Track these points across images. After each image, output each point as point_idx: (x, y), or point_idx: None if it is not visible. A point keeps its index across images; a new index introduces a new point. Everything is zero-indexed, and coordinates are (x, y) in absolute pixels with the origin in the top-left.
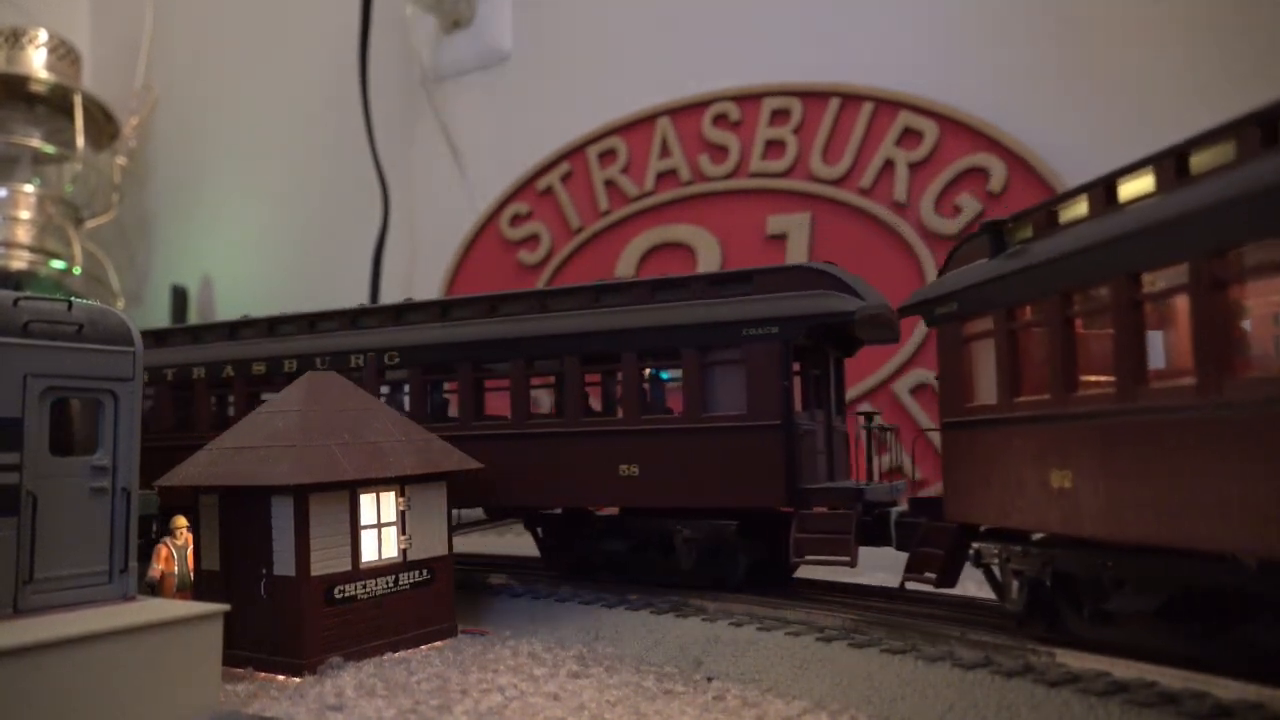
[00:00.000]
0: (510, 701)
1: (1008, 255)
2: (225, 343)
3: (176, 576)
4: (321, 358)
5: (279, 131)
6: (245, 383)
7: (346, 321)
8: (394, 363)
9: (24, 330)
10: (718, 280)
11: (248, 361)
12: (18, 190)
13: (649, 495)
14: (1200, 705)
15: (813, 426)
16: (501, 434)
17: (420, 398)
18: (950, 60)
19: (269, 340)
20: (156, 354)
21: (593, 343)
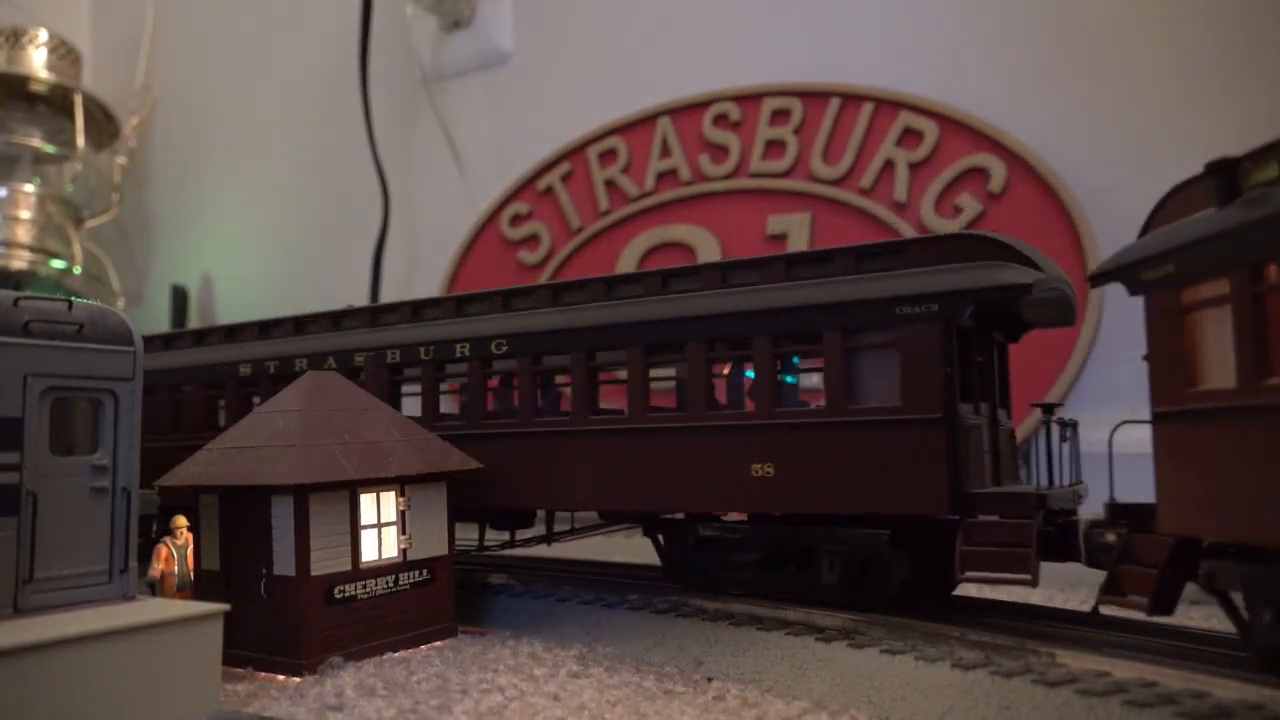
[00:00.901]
0: (510, 701)
1: (1245, 202)
2: (329, 334)
3: (176, 576)
4: (425, 347)
5: (279, 131)
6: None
7: (451, 309)
8: (502, 351)
9: (24, 330)
10: (866, 253)
11: (349, 352)
12: (18, 190)
13: (786, 499)
14: (1200, 705)
15: (978, 421)
16: (618, 429)
17: (530, 390)
18: (951, 61)
19: (371, 331)
20: (259, 346)
21: (720, 326)
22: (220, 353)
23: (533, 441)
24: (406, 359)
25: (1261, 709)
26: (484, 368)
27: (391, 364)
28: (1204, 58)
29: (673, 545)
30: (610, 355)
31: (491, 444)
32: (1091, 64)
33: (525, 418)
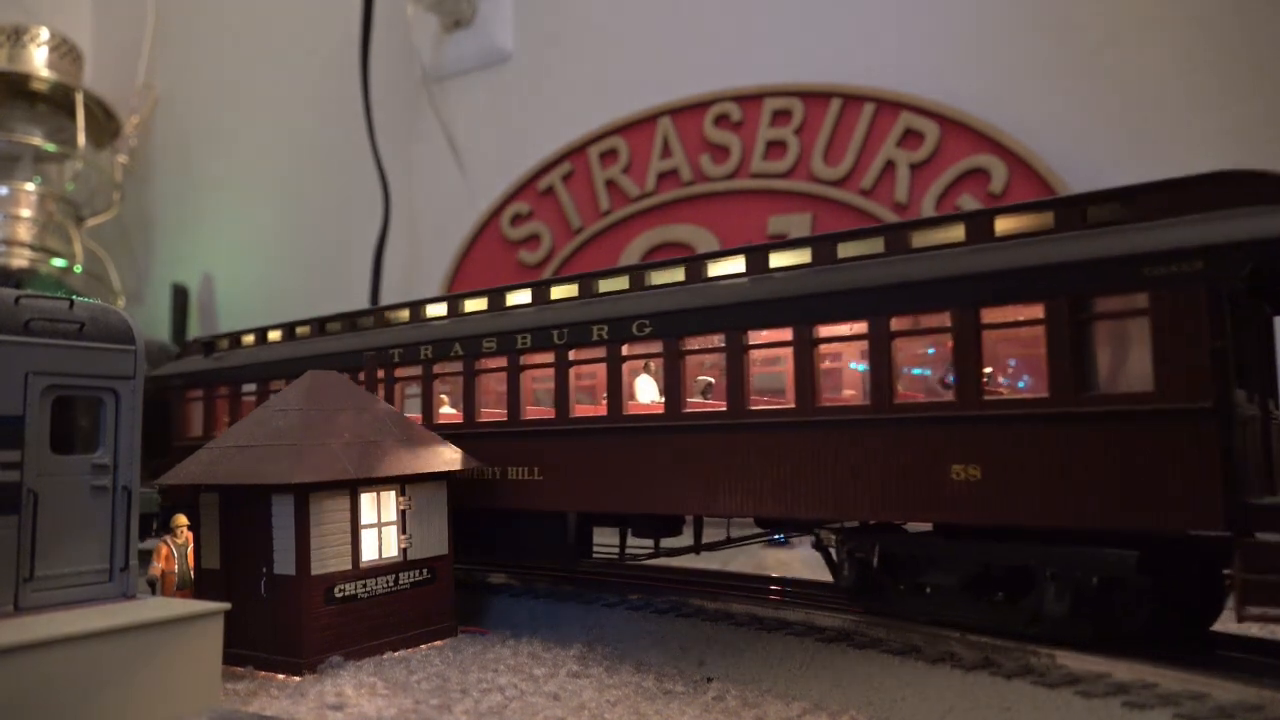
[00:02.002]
0: (510, 701)
1: None
2: (444, 322)
3: (177, 575)
4: (559, 330)
5: (280, 130)
6: (471, 364)
7: (586, 288)
8: (644, 332)
9: (25, 328)
10: (1100, 199)
11: (477, 338)
12: (19, 188)
13: (996, 508)
14: (1200, 706)
15: (1253, 412)
16: (782, 423)
17: (676, 377)
18: (952, 62)
19: (496, 316)
20: (384, 334)
21: (906, 296)
22: (365, 339)
23: (680, 438)
24: (536, 343)
25: (1261, 710)
26: (623, 349)
27: (522, 348)
28: (1204, 58)
29: (849, 561)
30: (769, 333)
31: (634, 440)
32: (1092, 65)
33: (671, 410)
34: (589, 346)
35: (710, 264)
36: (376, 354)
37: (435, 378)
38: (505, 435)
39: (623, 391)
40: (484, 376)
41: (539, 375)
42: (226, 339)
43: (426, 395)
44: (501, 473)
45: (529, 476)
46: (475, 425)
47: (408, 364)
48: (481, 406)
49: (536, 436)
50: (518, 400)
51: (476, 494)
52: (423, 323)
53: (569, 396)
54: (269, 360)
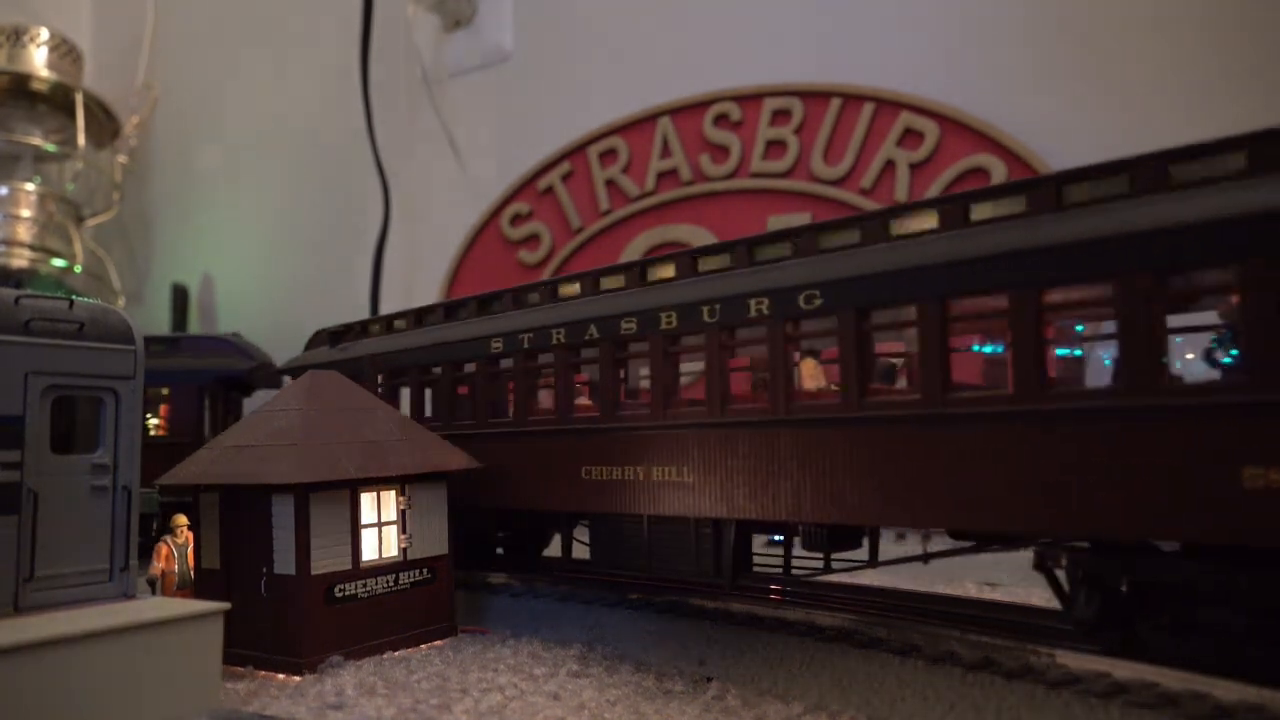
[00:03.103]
0: (510, 701)
1: None
2: (583, 301)
3: (177, 574)
4: (709, 306)
5: (280, 130)
6: (611, 348)
7: (743, 256)
8: (814, 305)
9: (25, 328)
10: None
11: (614, 319)
12: (19, 188)
13: None
14: (1201, 707)
15: None
16: (997, 414)
17: (855, 357)
18: (951, 61)
19: (638, 293)
20: (514, 318)
21: (1192, 243)
22: (489, 325)
23: (861, 432)
24: (684, 322)
25: (1262, 710)
26: (788, 326)
27: (668, 329)
28: (1205, 58)
29: (1086, 587)
30: (975, 302)
31: (803, 436)
32: (1092, 64)
33: (850, 400)
34: (746, 324)
35: (896, 222)
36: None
37: (570, 366)
38: (649, 430)
39: (788, 378)
40: (625, 362)
41: (687, 360)
42: (353, 328)
43: (562, 385)
44: (645, 473)
45: (675, 478)
46: (615, 419)
47: (540, 350)
48: (620, 398)
49: (685, 432)
50: (663, 390)
51: (606, 497)
52: (558, 303)
53: (724, 385)
54: (394, 350)
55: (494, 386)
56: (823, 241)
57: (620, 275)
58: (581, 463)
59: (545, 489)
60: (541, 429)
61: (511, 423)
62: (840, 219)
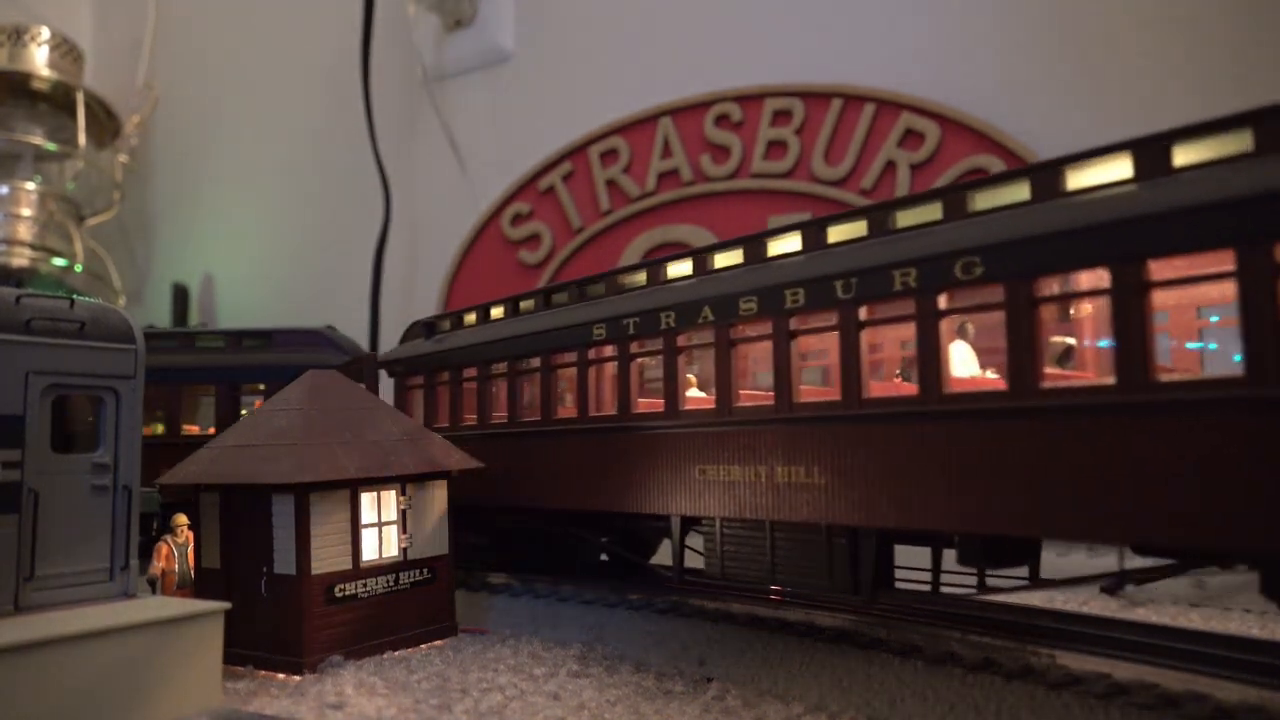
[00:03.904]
0: (510, 701)
1: None
2: (696, 281)
3: (177, 574)
4: (844, 280)
5: (281, 130)
6: (728, 330)
7: (877, 224)
8: (973, 275)
9: (26, 328)
10: None
11: (731, 299)
12: (19, 187)
13: None
14: (1201, 708)
15: None
16: (1217, 400)
17: (1027, 337)
18: (952, 61)
19: (757, 270)
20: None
21: None
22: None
23: (1034, 424)
24: (812, 300)
25: (1262, 711)
26: (939, 299)
27: (793, 308)
28: (1206, 58)
29: None
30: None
31: (959, 429)
32: (1093, 65)
33: (1018, 386)
34: (887, 300)
35: (1074, 172)
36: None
37: (680, 352)
38: (771, 424)
39: (938, 362)
40: (742, 347)
41: (814, 344)
42: (448, 319)
43: (670, 375)
44: (768, 474)
45: (803, 479)
46: (732, 413)
47: (645, 337)
48: (739, 388)
49: (814, 426)
50: (788, 378)
51: (723, 500)
52: (664, 285)
53: (860, 371)
54: (489, 340)
55: (597, 377)
56: (979, 201)
57: (737, 250)
58: (695, 461)
59: (654, 491)
60: (649, 425)
61: (617, 417)
62: (1005, 173)
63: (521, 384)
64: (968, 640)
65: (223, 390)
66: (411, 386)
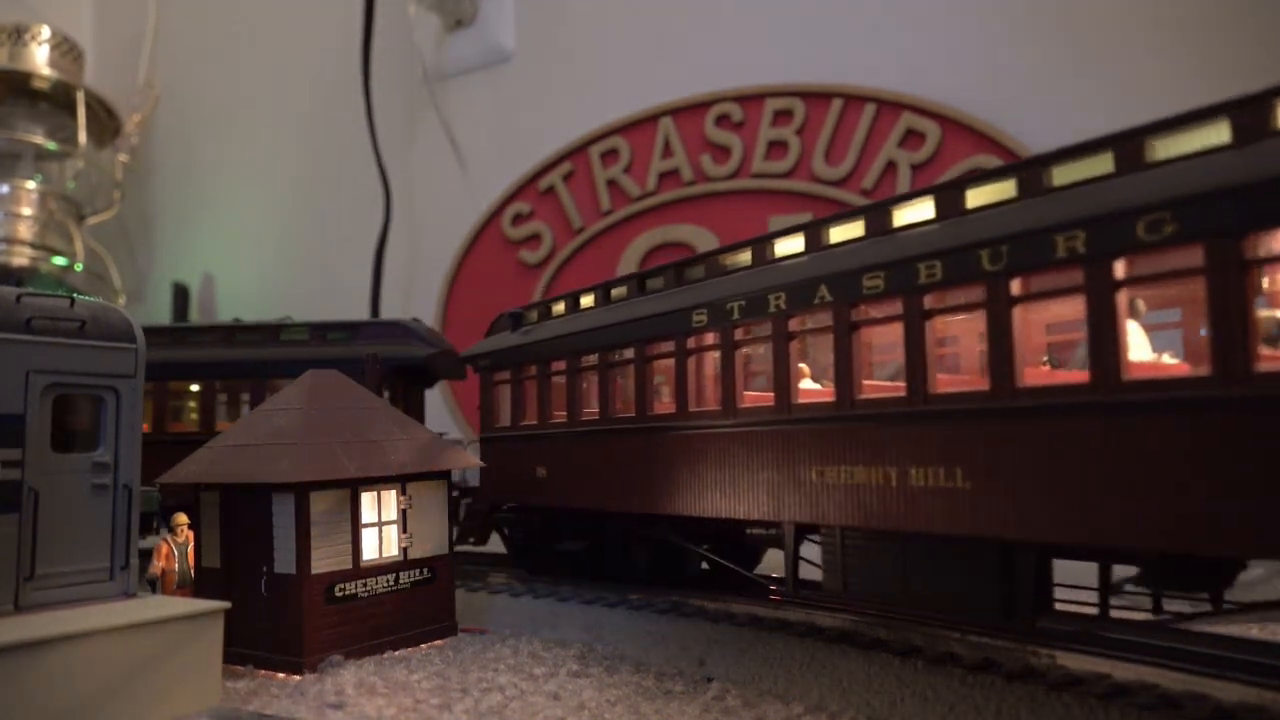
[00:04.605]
0: (510, 700)
1: None
2: (810, 258)
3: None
4: (990, 249)
5: (281, 129)
6: (847, 311)
7: (1030, 183)
8: (1163, 234)
9: (26, 327)
10: None
11: (853, 275)
12: (20, 186)
13: None
14: (1201, 709)
15: None
16: None
17: (1232, 308)
18: (953, 62)
19: (881, 242)
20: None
21: None
22: None
23: (1226, 418)
24: (951, 273)
25: (1262, 711)
26: (1122, 273)
27: (928, 282)
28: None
29: None
30: None
31: (1141, 426)
32: (1094, 65)
33: (1226, 370)
34: (1048, 270)
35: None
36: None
37: (791, 338)
38: (902, 419)
39: (1115, 343)
40: (864, 331)
41: (952, 325)
42: (536, 309)
43: (780, 364)
44: (899, 476)
45: (944, 483)
46: (855, 406)
47: (751, 322)
48: (862, 377)
49: (958, 421)
50: (923, 365)
51: (844, 505)
52: (773, 264)
53: (1013, 356)
54: (577, 331)
55: (698, 369)
56: (1161, 150)
57: (857, 222)
58: (811, 462)
59: (763, 495)
60: (757, 421)
61: (720, 413)
62: (1193, 112)
63: (614, 378)
64: (968, 641)
65: None
66: (498, 382)
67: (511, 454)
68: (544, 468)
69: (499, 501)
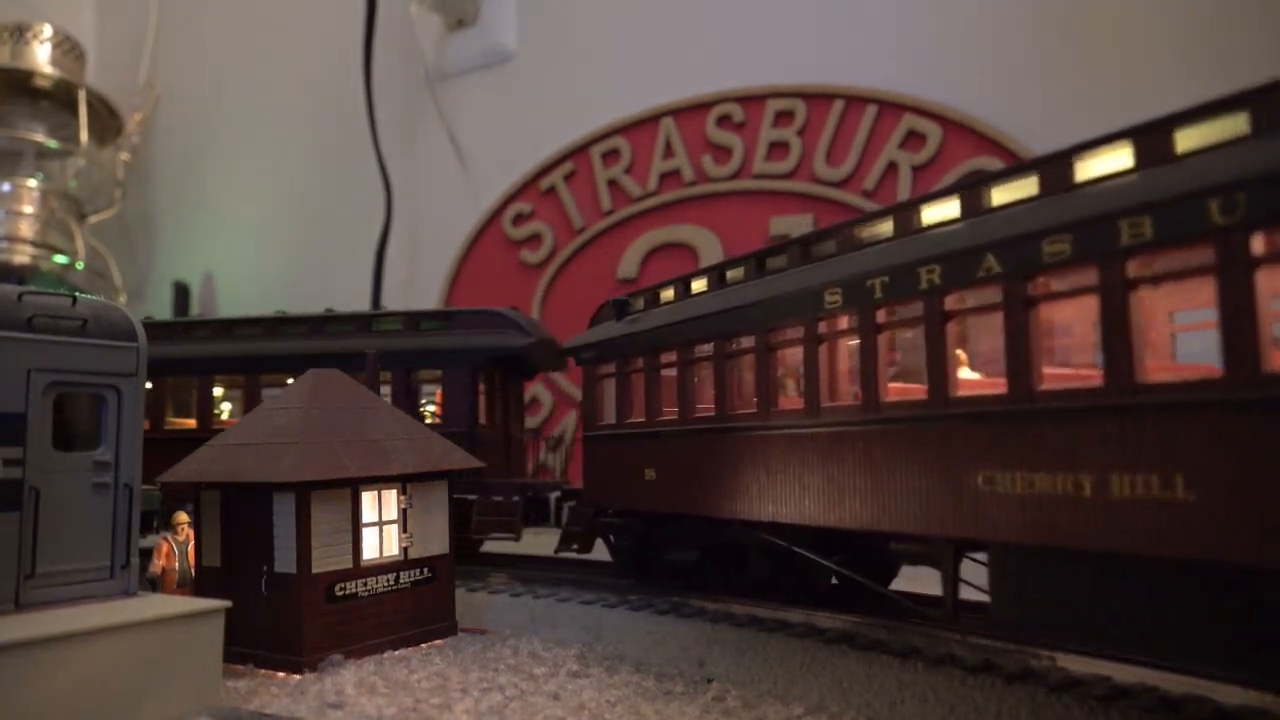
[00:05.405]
0: (510, 700)
1: None
2: (968, 224)
3: (178, 572)
4: (1223, 197)
5: (282, 128)
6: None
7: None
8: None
9: (28, 325)
10: None
11: (1029, 241)
12: (21, 185)
13: None
14: (1202, 711)
15: None
16: None
17: None
18: (954, 63)
19: (1058, 201)
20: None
21: None
22: None
23: None
24: (1165, 230)
25: (1264, 714)
26: None
27: (1131, 243)
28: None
29: None
30: None
31: None
32: (1095, 66)
33: None
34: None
35: None
36: None
37: (948, 319)
38: (1100, 415)
39: None
40: (1044, 308)
41: (1161, 297)
42: (642, 296)
43: (934, 350)
44: (1095, 484)
45: (1155, 492)
46: (1034, 400)
47: (897, 301)
48: (1041, 365)
49: (1176, 416)
50: (1126, 348)
51: (1021, 519)
52: (921, 234)
53: (1257, 333)
54: (688, 318)
55: (830, 358)
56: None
57: (1029, 178)
58: (975, 466)
59: (914, 504)
60: (902, 417)
61: (860, 408)
62: None
63: (731, 369)
64: (968, 643)
65: (398, 375)
66: (603, 376)
67: (617, 454)
68: (653, 469)
69: (603, 505)
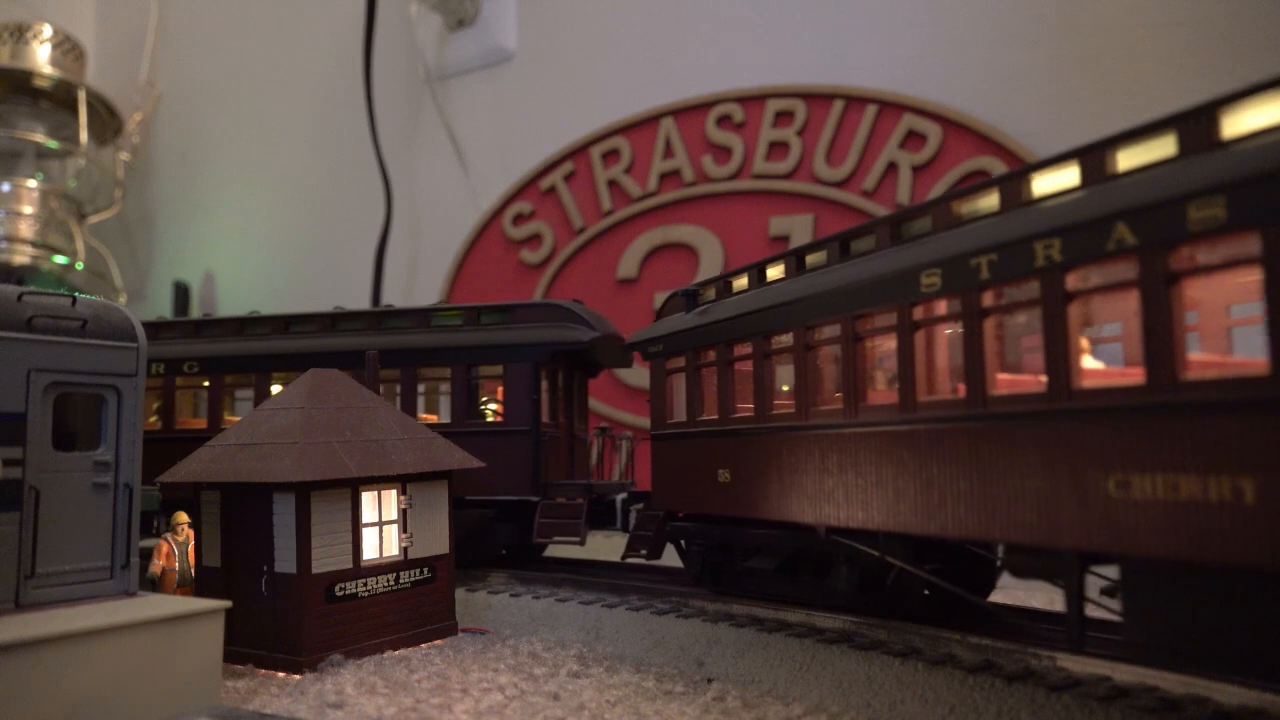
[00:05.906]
0: (510, 700)
1: None
2: (1087, 193)
3: (177, 572)
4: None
5: (282, 128)
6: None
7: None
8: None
9: (28, 325)
10: None
11: (1169, 209)
12: (21, 185)
13: None
14: (1202, 711)
15: None
16: None
17: None
18: (954, 63)
19: (1194, 163)
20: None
21: None
22: None
23: None
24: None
25: (1263, 714)
26: None
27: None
28: (1208, 61)
29: None
30: None
31: None
32: (1095, 67)
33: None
34: None
35: None
36: None
37: (1070, 299)
38: (1262, 410)
39: None
40: (1188, 284)
41: None
42: (714, 285)
43: (1054, 335)
44: (1257, 489)
45: None
46: (1178, 391)
47: (1007, 282)
48: (1184, 351)
49: None
50: None
51: (1158, 529)
52: (1033, 205)
53: None
54: (764, 307)
55: (928, 347)
56: None
57: (1165, 137)
58: (1105, 468)
59: (1027, 509)
60: (1015, 412)
61: (964, 403)
62: None
63: (813, 362)
64: (968, 642)
65: (458, 373)
66: (671, 371)
67: (688, 454)
68: (727, 470)
69: (674, 509)
